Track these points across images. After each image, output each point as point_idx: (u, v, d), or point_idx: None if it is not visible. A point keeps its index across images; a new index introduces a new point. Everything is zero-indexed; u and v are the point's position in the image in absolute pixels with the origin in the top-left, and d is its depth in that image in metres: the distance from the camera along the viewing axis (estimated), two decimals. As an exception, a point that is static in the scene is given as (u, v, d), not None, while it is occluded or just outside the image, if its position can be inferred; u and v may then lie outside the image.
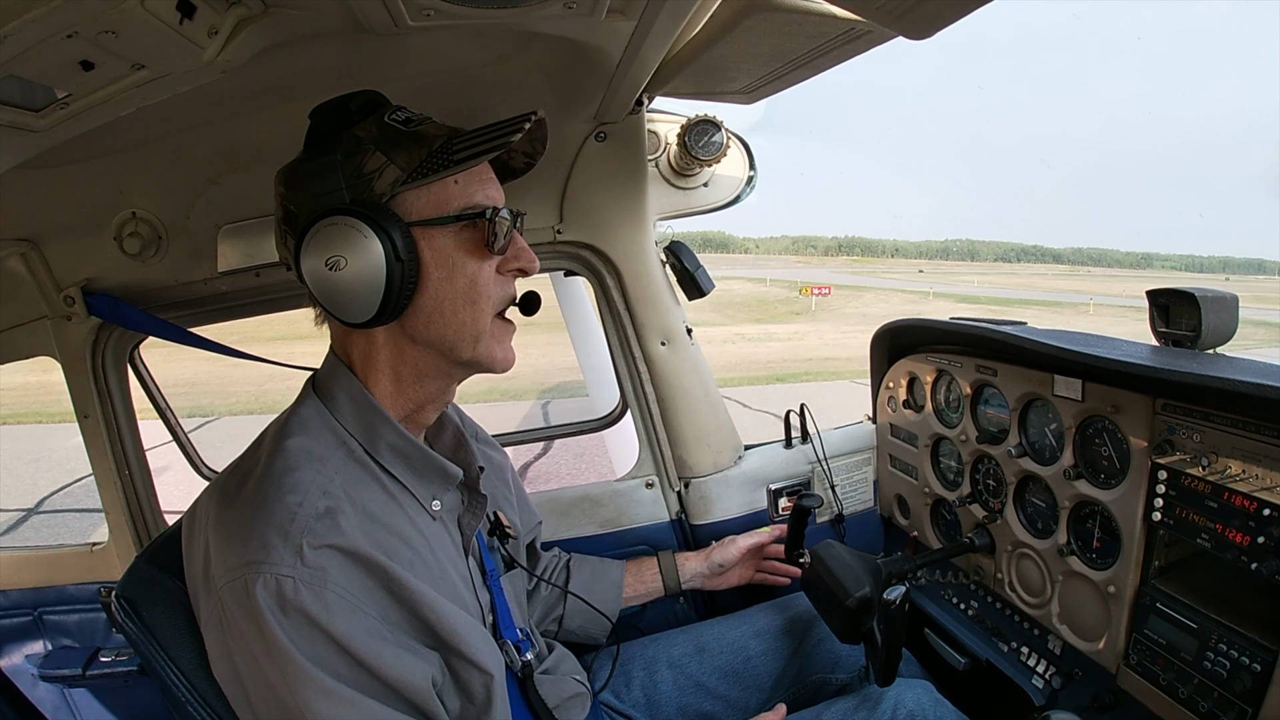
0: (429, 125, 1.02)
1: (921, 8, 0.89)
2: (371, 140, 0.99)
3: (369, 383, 1.06)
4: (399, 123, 1.00)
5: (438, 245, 1.00)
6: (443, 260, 1.00)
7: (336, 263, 0.95)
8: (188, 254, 1.66)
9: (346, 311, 0.98)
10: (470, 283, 1.02)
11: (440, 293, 1.01)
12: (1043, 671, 1.53)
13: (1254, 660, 1.10)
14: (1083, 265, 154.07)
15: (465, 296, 1.02)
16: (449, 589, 1.04)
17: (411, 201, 0.99)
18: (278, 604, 0.87)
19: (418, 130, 1.00)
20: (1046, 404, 1.50)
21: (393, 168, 0.98)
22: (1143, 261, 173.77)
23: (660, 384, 1.90)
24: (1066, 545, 1.45)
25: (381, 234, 0.94)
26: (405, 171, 0.98)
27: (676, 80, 1.48)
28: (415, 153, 0.98)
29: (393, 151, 0.98)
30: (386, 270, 0.95)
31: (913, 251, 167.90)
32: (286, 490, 0.93)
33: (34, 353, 1.76)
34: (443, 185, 1.00)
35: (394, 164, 0.98)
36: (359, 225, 0.94)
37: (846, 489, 2.08)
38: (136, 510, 1.88)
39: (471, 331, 1.03)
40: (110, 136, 1.17)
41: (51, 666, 1.97)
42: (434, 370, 1.07)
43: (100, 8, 0.76)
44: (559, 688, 1.29)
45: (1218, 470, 1.16)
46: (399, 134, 0.99)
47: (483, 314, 1.03)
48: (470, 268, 1.02)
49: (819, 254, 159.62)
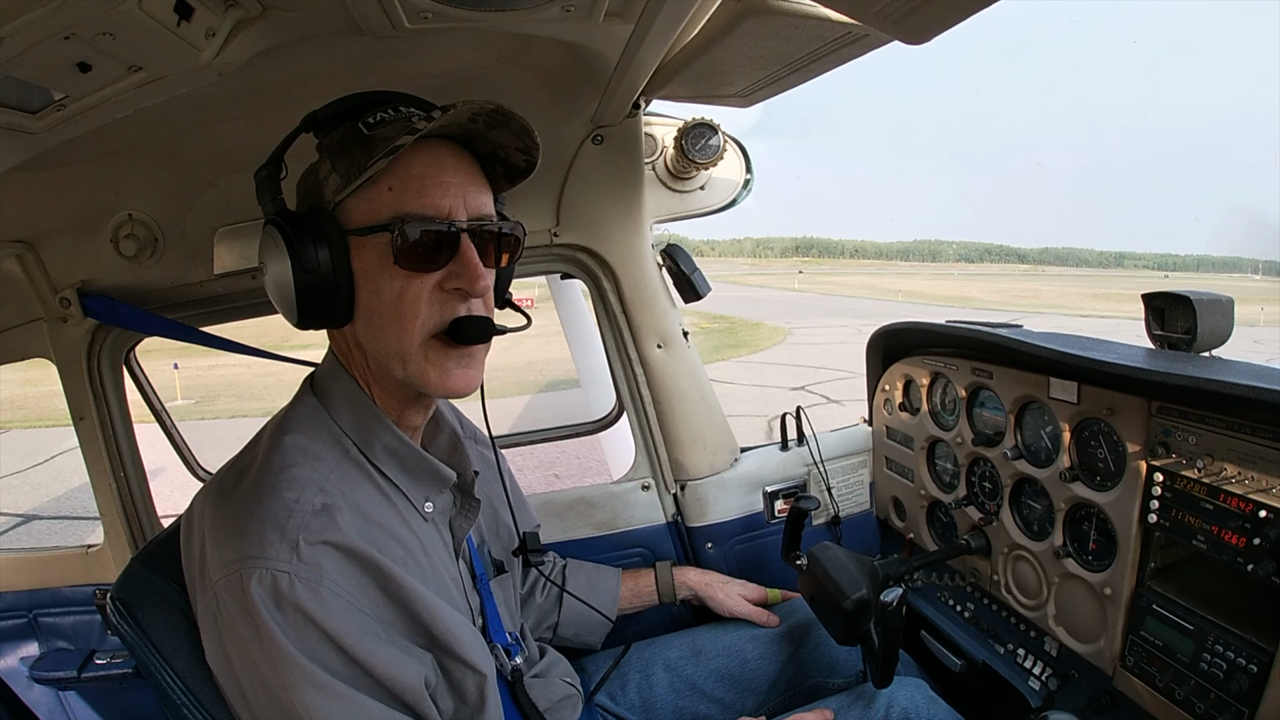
0: (395, 127, 0.98)
1: (919, 12, 0.90)
2: (327, 147, 1.00)
3: (364, 381, 1.06)
4: (368, 125, 0.98)
5: (366, 256, 0.97)
6: (368, 272, 0.97)
7: (261, 268, 1.01)
8: (184, 256, 1.66)
9: (284, 313, 1.00)
10: (395, 299, 0.96)
11: (368, 306, 0.99)
12: (1039, 673, 1.53)
13: (1250, 661, 1.11)
14: (1048, 264, 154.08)
15: (390, 313, 0.97)
16: (441, 590, 1.04)
17: (351, 209, 0.97)
18: (273, 599, 0.87)
19: (374, 134, 0.97)
20: (1042, 406, 1.51)
21: (334, 175, 0.98)
22: (1114, 261, 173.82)
23: (656, 386, 1.90)
24: (1062, 547, 1.46)
25: (295, 244, 0.94)
26: (343, 179, 0.97)
27: (673, 83, 1.48)
28: (359, 157, 0.96)
29: (337, 159, 0.99)
30: (294, 280, 0.95)
31: (873, 252, 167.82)
32: (283, 486, 0.93)
33: (29, 354, 1.75)
34: (377, 192, 0.96)
35: (335, 171, 0.98)
36: (274, 234, 0.96)
37: (843, 491, 2.08)
38: (132, 512, 1.87)
39: (397, 351, 0.98)
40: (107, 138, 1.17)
41: (46, 669, 1.96)
42: (391, 380, 1.04)
43: (98, 9, 0.76)
44: (549, 690, 1.29)
45: (1213, 472, 1.16)
46: (352, 140, 0.98)
47: (408, 334, 0.97)
48: (395, 283, 0.96)
49: (775, 255, 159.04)
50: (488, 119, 0.96)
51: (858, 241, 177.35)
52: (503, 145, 1.03)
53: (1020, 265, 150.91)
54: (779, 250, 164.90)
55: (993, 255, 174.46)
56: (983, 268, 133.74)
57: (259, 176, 1.01)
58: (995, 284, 67.90)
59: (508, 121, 0.97)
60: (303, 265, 0.94)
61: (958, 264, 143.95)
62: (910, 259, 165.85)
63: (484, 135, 1.00)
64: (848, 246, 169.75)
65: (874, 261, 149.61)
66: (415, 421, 1.13)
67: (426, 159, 0.97)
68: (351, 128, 0.99)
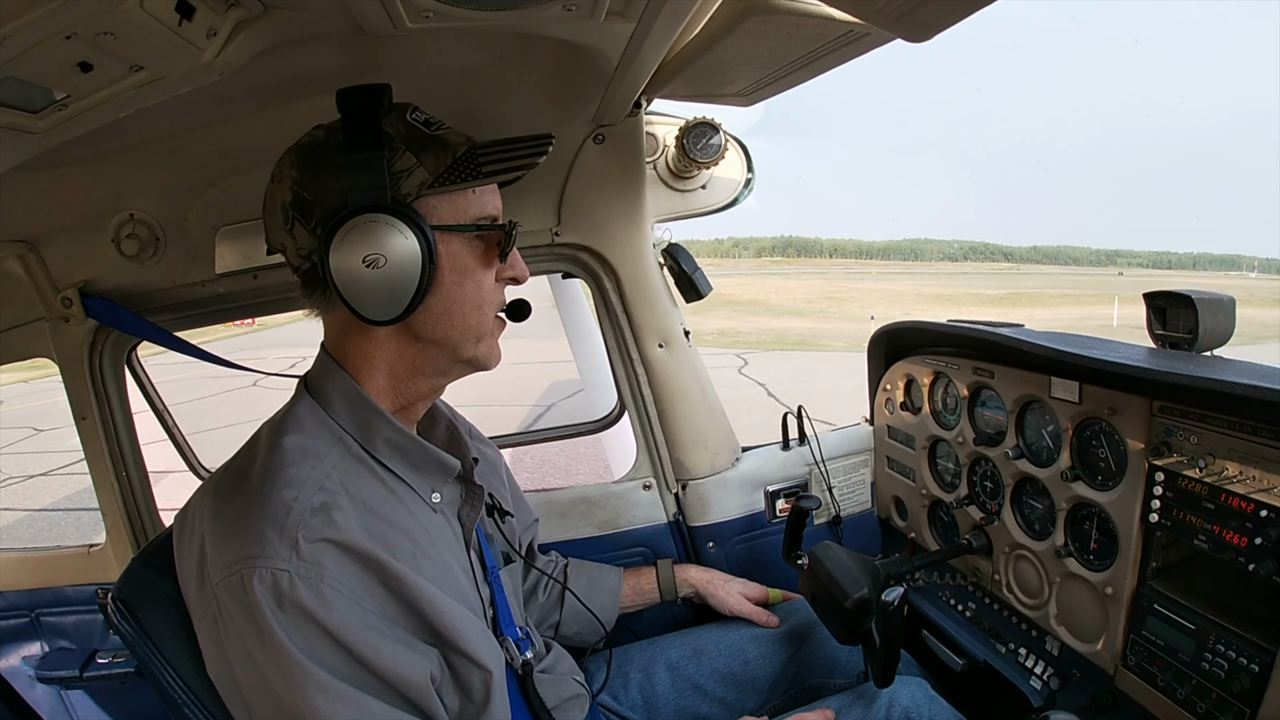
0: (448, 131, 1.05)
1: (920, 10, 0.90)
2: (401, 138, 0.99)
3: (361, 379, 1.06)
4: (420, 124, 1.02)
5: (454, 250, 1.04)
6: (457, 265, 1.04)
7: (376, 260, 0.95)
8: (185, 256, 1.66)
9: (371, 308, 0.98)
10: (478, 288, 1.07)
11: (451, 295, 1.04)
12: (1040, 673, 1.53)
13: (1252, 661, 1.11)
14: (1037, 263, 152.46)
15: (473, 301, 1.07)
16: (450, 581, 1.05)
17: (434, 205, 1.01)
18: (274, 598, 0.86)
19: (439, 135, 1.02)
20: (1044, 406, 1.51)
21: (421, 170, 0.99)
22: (1106, 260, 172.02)
23: (658, 386, 1.90)
24: (1064, 547, 1.45)
25: (420, 237, 0.97)
26: (432, 175, 0.99)
27: (675, 82, 1.48)
28: (442, 157, 1.00)
29: (422, 153, 0.99)
30: (420, 272, 0.97)
31: (852, 251, 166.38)
32: (282, 486, 0.93)
33: (31, 354, 1.75)
34: (464, 193, 1.04)
35: (423, 166, 0.99)
36: (399, 226, 0.96)
37: (844, 491, 2.08)
38: (134, 512, 1.87)
39: (476, 333, 1.08)
40: (108, 138, 1.16)
41: (48, 668, 1.97)
42: (431, 368, 1.09)
43: (99, 9, 0.76)
44: (558, 688, 1.29)
45: (1215, 472, 1.16)
46: (425, 136, 1.00)
47: (487, 317, 1.09)
48: (480, 274, 1.07)
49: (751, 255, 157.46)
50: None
51: (838, 240, 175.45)
52: None
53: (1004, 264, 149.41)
54: (755, 250, 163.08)
55: (978, 254, 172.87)
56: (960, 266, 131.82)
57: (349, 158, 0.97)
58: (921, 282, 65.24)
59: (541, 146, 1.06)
60: (431, 258, 0.98)
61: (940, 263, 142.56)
62: (891, 258, 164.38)
63: None
64: (826, 245, 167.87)
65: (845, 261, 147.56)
66: (419, 413, 1.15)
67: None
68: (405, 121, 1.01)
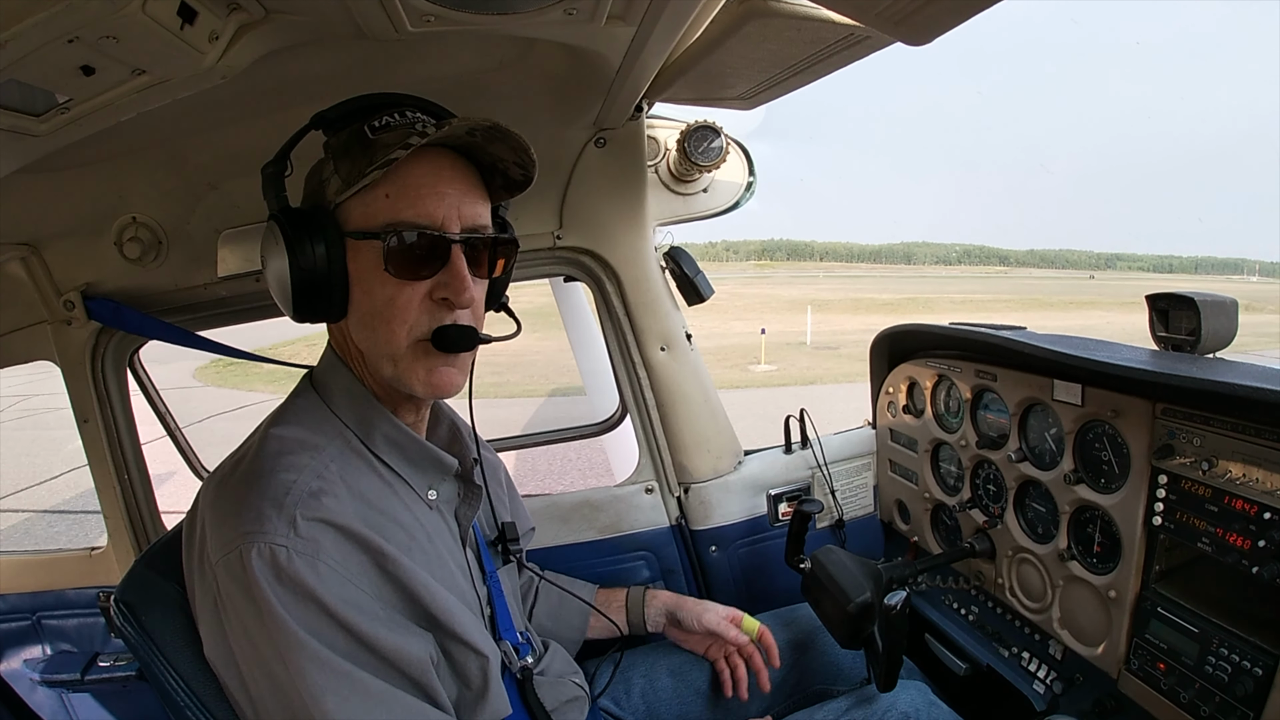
0: (398, 133, 0.99)
1: (920, 14, 0.90)
2: (332, 148, 1.01)
3: (356, 372, 1.07)
4: (372, 129, 1.00)
5: (362, 259, 0.99)
6: (362, 275, 0.99)
7: (263, 262, 1.03)
8: (188, 259, 1.66)
9: (281, 306, 1.03)
10: (387, 303, 0.99)
11: (360, 306, 1.01)
12: (1044, 676, 1.53)
13: (1255, 664, 1.10)
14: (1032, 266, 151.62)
15: (381, 315, 0.99)
16: (446, 577, 1.05)
17: (350, 211, 0.99)
18: (272, 572, 0.87)
19: (378, 139, 0.99)
20: (1046, 409, 1.50)
21: (336, 178, 1.00)
22: (1106, 263, 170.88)
23: (660, 389, 1.90)
24: (1067, 550, 1.45)
25: (294, 241, 0.96)
26: (344, 181, 0.99)
27: (676, 86, 1.48)
28: (360, 162, 0.98)
29: (340, 160, 1.00)
30: (291, 276, 0.97)
31: (844, 254, 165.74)
32: (280, 469, 0.94)
33: (33, 357, 1.76)
34: (374, 197, 0.97)
35: (337, 173, 1.00)
36: (275, 231, 0.98)
37: (847, 494, 2.07)
38: (136, 514, 1.88)
39: (386, 351, 1.01)
40: (111, 141, 1.17)
41: (50, 671, 1.97)
42: (382, 377, 1.05)
43: (101, 13, 0.77)
44: (558, 691, 1.28)
45: (1218, 474, 1.16)
46: (356, 143, 1.00)
47: (396, 337, 1.00)
48: (387, 289, 0.98)
49: (740, 259, 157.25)
50: (485, 134, 0.97)
51: (829, 244, 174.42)
52: (501, 159, 1.04)
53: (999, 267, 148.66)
54: (744, 254, 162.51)
55: (973, 258, 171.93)
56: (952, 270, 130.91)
57: (265, 172, 1.02)
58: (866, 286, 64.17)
59: (504, 137, 0.98)
60: (299, 262, 0.96)
61: (932, 266, 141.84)
62: (882, 261, 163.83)
63: (483, 148, 1.01)
64: (818, 249, 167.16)
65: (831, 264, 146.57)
66: (413, 413, 1.13)
67: (426, 168, 0.98)
68: (357, 130, 1.00)
